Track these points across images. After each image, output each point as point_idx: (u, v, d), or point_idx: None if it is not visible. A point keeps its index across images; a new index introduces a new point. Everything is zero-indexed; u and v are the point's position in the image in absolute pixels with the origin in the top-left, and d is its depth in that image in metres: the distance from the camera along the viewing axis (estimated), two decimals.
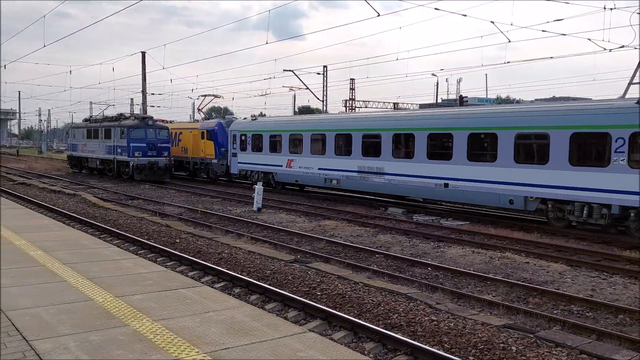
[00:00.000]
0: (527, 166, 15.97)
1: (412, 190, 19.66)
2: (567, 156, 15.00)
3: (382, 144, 20.43)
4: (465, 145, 17.56)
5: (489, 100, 57.37)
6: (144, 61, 42.01)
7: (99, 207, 19.49)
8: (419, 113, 22.70)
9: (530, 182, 15.88)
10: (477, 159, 17.38)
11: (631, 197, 13.71)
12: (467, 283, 10.28)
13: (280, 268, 10.51)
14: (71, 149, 39.79)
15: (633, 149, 13.75)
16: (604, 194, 14.28)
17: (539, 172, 15.65)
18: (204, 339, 4.90)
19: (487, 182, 16.94)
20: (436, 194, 18.90)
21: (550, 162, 15.35)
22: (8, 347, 4.65)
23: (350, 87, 62.77)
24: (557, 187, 15.25)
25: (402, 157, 19.86)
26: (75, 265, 7.67)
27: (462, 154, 17.62)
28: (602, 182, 14.28)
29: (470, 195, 17.60)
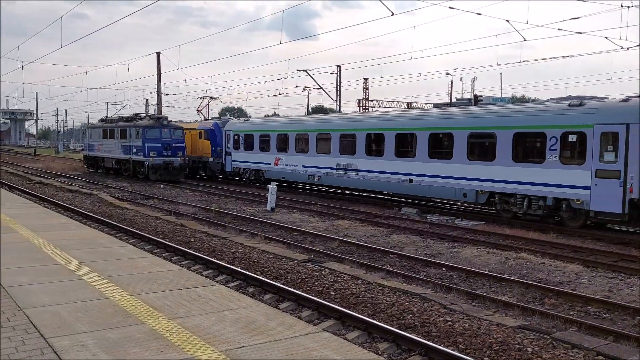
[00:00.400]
0: (478, 163, 17.67)
1: (383, 185, 21.39)
2: (511, 154, 16.71)
3: (357, 143, 22.13)
4: (427, 144, 19.29)
5: (503, 99, 56.95)
6: (159, 62, 42.33)
7: (115, 206, 19.69)
8: (388, 115, 24.60)
9: (480, 177, 17.59)
10: (436, 157, 19.01)
11: (563, 190, 15.54)
12: (482, 284, 10.22)
13: (294, 267, 10.53)
14: (87, 149, 40.22)
15: (564, 147, 15.54)
16: (541, 188, 16.07)
17: (487, 168, 17.37)
18: (219, 338, 4.94)
19: (445, 177, 18.66)
20: (403, 188, 20.46)
21: (497, 159, 17.08)
22: (26, 344, 4.72)
23: (364, 86, 62.66)
24: (502, 181, 16.97)
25: (374, 155, 21.48)
26: (92, 264, 7.76)
27: (424, 152, 19.37)
28: (539, 177, 16.06)
29: (431, 189, 19.33)
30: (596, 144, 14.91)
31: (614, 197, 14.45)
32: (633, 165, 14.16)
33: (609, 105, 15.31)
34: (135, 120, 33.13)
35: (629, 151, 14.26)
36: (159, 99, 44.23)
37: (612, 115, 14.80)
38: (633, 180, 14.13)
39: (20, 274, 7.06)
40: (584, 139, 15.13)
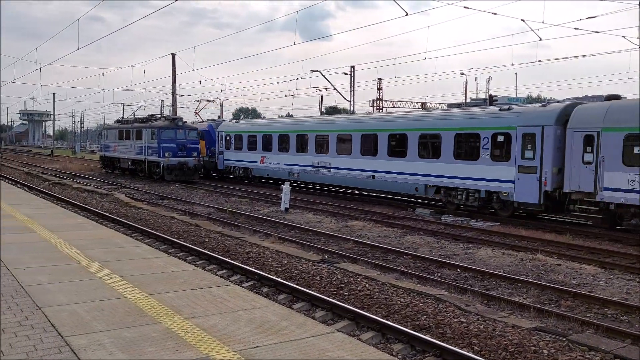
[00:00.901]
0: (427, 160, 19.94)
1: (351, 181, 23.52)
2: (453, 152, 18.94)
3: (329, 143, 24.50)
4: (387, 143, 21.50)
5: (519, 99, 56.50)
6: (174, 63, 42.64)
7: (130, 206, 19.87)
8: (355, 117, 26.86)
9: (428, 173, 19.82)
10: (394, 155, 21.24)
11: (493, 184, 17.76)
12: (497, 285, 10.16)
13: (307, 268, 10.55)
14: (104, 150, 40.62)
15: (494, 146, 17.78)
16: (476, 182, 18.32)
17: (434, 165, 19.62)
18: (233, 337, 4.96)
19: (401, 174, 20.84)
20: (367, 184, 22.64)
21: (442, 157, 19.36)
22: (44, 342, 4.78)
23: (378, 87, 62.53)
24: (446, 177, 19.20)
25: (343, 154, 23.77)
26: (108, 264, 7.85)
27: (384, 151, 21.60)
28: (474, 173, 18.31)
29: (390, 184, 21.50)
30: (518, 144, 17.06)
31: (532, 190, 16.65)
32: (547, 161, 16.32)
33: (530, 110, 17.60)
34: (150, 121, 33.40)
35: (544, 150, 16.38)
36: (174, 100, 44.55)
37: (531, 119, 16.92)
38: (547, 175, 16.31)
39: (39, 273, 7.17)
40: (509, 139, 17.32)
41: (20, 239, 9.60)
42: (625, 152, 14.65)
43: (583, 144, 15.61)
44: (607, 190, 14.94)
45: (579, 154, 15.71)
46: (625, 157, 14.63)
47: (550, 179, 16.27)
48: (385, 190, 22.35)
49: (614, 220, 15.36)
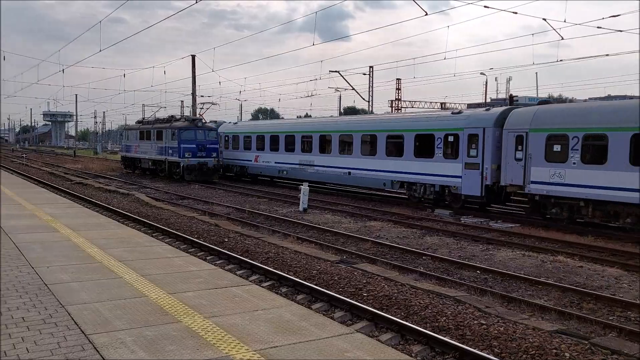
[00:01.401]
0: (393, 158, 22.19)
1: (331, 177, 25.99)
2: (413, 151, 21.24)
3: (312, 143, 26.95)
4: (360, 143, 23.89)
5: (539, 99, 55.78)
6: (194, 64, 43.01)
7: (151, 206, 20.10)
8: (334, 120, 30.18)
9: (394, 170, 22.06)
10: (366, 154, 23.57)
11: (445, 179, 19.96)
12: (517, 287, 10.05)
13: (326, 268, 10.56)
14: (125, 150, 41.11)
15: (446, 146, 19.97)
16: (432, 177, 20.53)
17: (398, 163, 21.89)
18: (253, 337, 5.00)
19: (372, 170, 23.11)
20: (344, 180, 24.99)
21: (404, 155, 21.64)
22: (68, 340, 4.87)
23: (397, 87, 62.30)
24: (408, 173, 21.46)
25: (324, 153, 26.19)
26: (130, 263, 7.95)
27: (358, 150, 24.02)
28: (430, 169, 20.52)
29: (363, 180, 23.78)
30: (465, 143, 19.20)
31: (476, 184, 18.79)
32: (487, 159, 18.49)
33: (475, 113, 19.99)
34: (171, 121, 33.73)
35: (485, 148, 18.53)
36: (193, 101, 44.94)
37: (475, 121, 19.15)
38: (487, 171, 18.44)
39: (62, 272, 7.29)
40: (458, 139, 19.51)
41: (43, 237, 9.77)
42: (547, 150, 16.83)
43: (515, 143, 17.72)
44: (534, 183, 17.16)
45: (512, 152, 17.83)
46: (547, 154, 16.81)
47: (490, 174, 18.44)
48: (360, 185, 24.51)
49: (539, 209, 17.38)
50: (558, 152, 16.52)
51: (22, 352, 4.55)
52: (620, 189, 14.80)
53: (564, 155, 16.35)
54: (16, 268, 7.45)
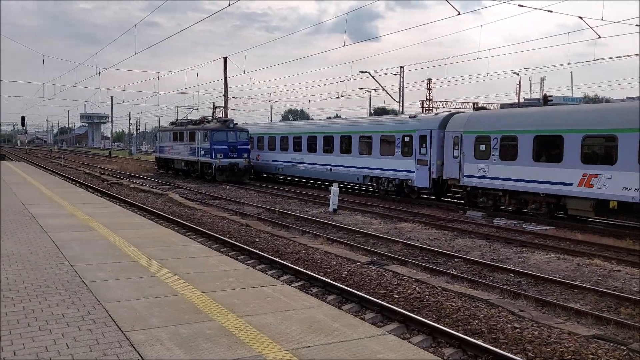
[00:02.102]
0: (364, 156, 25.65)
1: (316, 173, 29.30)
2: (379, 150, 24.60)
3: (302, 144, 30.43)
4: (340, 143, 27.47)
5: (574, 99, 54.53)
6: (226, 66, 43.51)
7: (184, 206, 20.43)
8: (318, 122, 34.44)
9: (365, 166, 25.57)
10: (344, 153, 27.13)
11: (403, 174, 23.31)
12: (552, 290, 9.87)
13: (356, 269, 10.56)
14: (158, 151, 41.88)
15: (403, 145, 23.31)
16: (392, 172, 23.87)
17: (367, 160, 25.38)
18: (285, 337, 5.04)
19: (348, 167, 26.77)
20: (327, 175, 28.29)
21: (372, 154, 25.04)
22: (105, 336, 4.99)
23: (427, 87, 61.78)
24: (375, 169, 24.87)
25: (312, 152, 29.62)
26: (164, 261, 8.11)
27: (337, 149, 27.61)
28: (391, 165, 23.84)
29: (341, 175, 27.16)
30: (417, 143, 22.53)
31: (425, 178, 22.08)
32: (433, 156, 21.69)
33: (426, 117, 23.90)
34: (203, 123, 34.21)
35: (432, 147, 21.80)
36: (225, 102, 45.45)
37: (425, 124, 22.58)
38: (433, 166, 21.66)
39: (100, 270, 7.49)
40: (412, 139, 22.81)
41: (81, 236, 10.04)
42: (475, 149, 19.89)
43: (453, 143, 20.82)
44: (466, 177, 20.21)
45: (450, 151, 20.94)
46: (476, 152, 19.86)
47: (435, 169, 21.63)
48: (339, 180, 26.72)
49: (471, 199, 20.36)
50: (483, 150, 19.65)
51: (62, 348, 4.69)
52: (527, 181, 17.94)
53: (487, 153, 19.45)
54: (55, 266, 7.68)
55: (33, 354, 4.53)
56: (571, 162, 16.65)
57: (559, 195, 17.16)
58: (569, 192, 16.72)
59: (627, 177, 15.02)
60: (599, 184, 15.82)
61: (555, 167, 17.11)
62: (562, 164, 16.92)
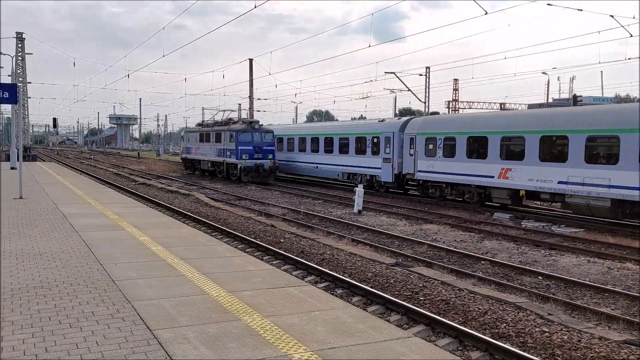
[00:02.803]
0: (343, 155, 29.23)
1: (305, 170, 33.06)
2: (354, 149, 28.21)
3: (294, 144, 34.09)
4: (324, 143, 31.05)
5: (605, 99, 53.35)
6: (251, 68, 43.82)
7: (210, 206, 20.64)
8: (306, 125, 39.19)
9: (343, 164, 29.26)
10: (327, 152, 30.76)
11: (372, 171, 26.83)
12: (582, 294, 9.67)
13: (381, 271, 10.52)
14: (185, 152, 42.38)
15: (373, 146, 26.72)
16: (365, 169, 27.43)
17: (345, 159, 29.01)
18: (310, 337, 5.05)
19: (330, 165, 30.34)
20: (314, 172, 32.17)
21: (349, 153, 28.67)
22: (134, 334, 5.08)
23: (454, 87, 61.19)
24: (351, 166, 28.62)
25: (302, 152, 33.20)
26: (191, 261, 8.21)
27: (322, 149, 31.20)
28: (364, 163, 27.48)
29: (325, 172, 30.94)
30: (383, 144, 25.97)
31: (389, 173, 25.53)
32: (395, 155, 25.09)
33: (391, 121, 27.29)
34: (229, 124, 34.51)
35: (394, 147, 25.17)
36: (251, 103, 45.78)
37: (390, 127, 25.99)
38: (395, 164, 25.11)
39: (129, 269, 7.62)
40: (379, 140, 26.24)
41: (111, 236, 10.24)
42: (426, 148, 23.15)
43: (409, 143, 24.23)
44: (419, 172, 23.52)
45: (407, 150, 24.37)
46: (426, 151, 23.14)
47: (397, 166, 25.07)
48: (323, 176, 31.45)
49: (423, 191, 23.61)
50: (431, 149, 22.86)
51: (92, 345, 4.79)
52: (463, 175, 21.23)
53: (434, 151, 22.70)
54: (86, 265, 7.84)
55: (64, 351, 4.63)
56: (493, 158, 19.92)
57: (485, 186, 20.34)
58: (492, 184, 19.98)
59: (532, 170, 18.37)
60: (512, 176, 19.20)
61: (482, 163, 20.35)
62: (486, 160, 20.16)
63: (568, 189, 17.09)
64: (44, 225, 11.26)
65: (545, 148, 18.25)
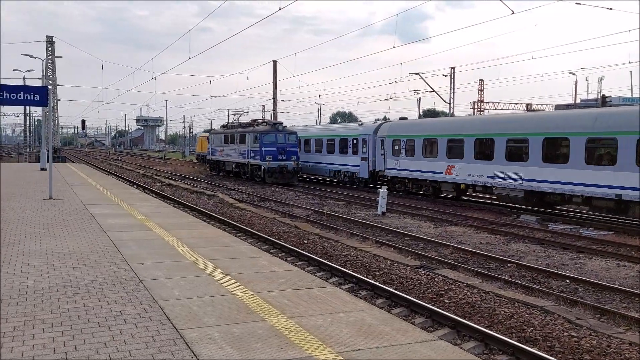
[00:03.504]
0: (330, 155, 33.16)
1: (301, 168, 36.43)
2: (339, 150, 32.06)
3: None
4: (314, 145, 35.22)
5: (634, 99, 52.13)
6: (275, 70, 44.04)
7: (235, 207, 20.80)
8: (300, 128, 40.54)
9: (330, 162, 33.20)
10: (317, 152, 34.91)
11: (352, 168, 30.75)
12: (611, 298, 9.47)
13: (405, 273, 10.46)
14: (210, 153, 42.80)
15: (353, 146, 30.59)
16: (347, 167, 31.45)
17: (332, 158, 32.95)
18: (335, 339, 5.06)
19: (319, 163, 34.52)
20: (308, 169, 35.80)
21: (335, 152, 32.54)
22: (161, 334, 5.15)
23: (479, 88, 60.53)
24: (336, 164, 32.51)
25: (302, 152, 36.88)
26: (216, 261, 8.29)
27: (312, 149, 35.46)
28: (346, 161, 31.36)
29: (316, 169, 35.21)
30: (361, 144, 29.92)
31: (366, 170, 29.59)
32: (370, 154, 29.10)
33: (367, 125, 30.75)
34: (253, 126, 34.75)
35: (369, 148, 29.14)
36: (274, 105, 46.00)
37: (365, 130, 29.95)
38: (370, 162, 29.12)
39: (155, 269, 7.73)
40: (357, 142, 30.27)
41: (138, 236, 10.39)
42: (393, 148, 27.14)
43: (380, 144, 28.13)
44: (388, 169, 27.48)
45: (379, 150, 28.31)
46: (393, 151, 27.12)
47: (371, 164, 29.09)
48: (316, 173, 35.66)
49: (393, 185, 26.95)
50: (397, 150, 26.81)
51: (120, 344, 4.87)
52: (420, 171, 25.17)
53: (399, 151, 26.69)
54: (114, 264, 7.98)
55: (93, 350, 4.72)
56: (442, 157, 23.69)
57: (437, 180, 24.18)
58: (441, 178, 23.88)
59: (469, 167, 22.23)
60: (455, 172, 22.98)
61: (434, 161, 24.20)
62: (437, 159, 24.01)
63: (495, 182, 20.77)
64: (73, 225, 11.49)
65: (479, 148, 21.92)
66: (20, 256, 8.36)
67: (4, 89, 14.97)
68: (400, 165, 26.43)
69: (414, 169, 25.45)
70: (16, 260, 8.06)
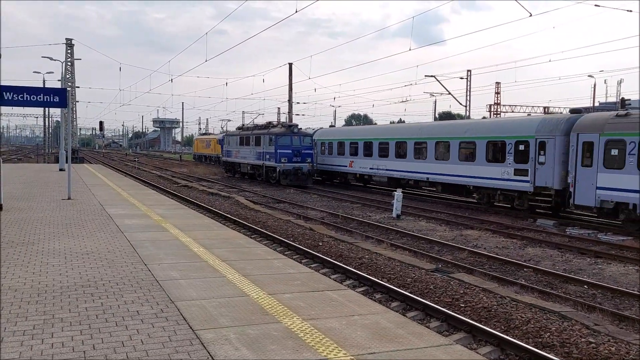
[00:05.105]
0: (321, 155, 35.49)
1: None
2: (327, 152, 34.80)
3: None
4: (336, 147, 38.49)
5: None
6: (291, 72, 44.16)
7: (250, 209, 20.88)
8: None
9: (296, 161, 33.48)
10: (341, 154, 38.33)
11: (342, 168, 33.34)
12: (630, 304, 9.34)
13: (420, 276, 10.42)
14: (226, 155, 43.03)
15: (338, 149, 33.59)
16: (337, 167, 33.86)
17: (325, 159, 35.11)
18: (350, 342, 5.05)
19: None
20: None
21: (325, 154, 35.13)
22: (177, 334, 5.19)
23: (496, 91, 60.11)
24: (328, 164, 34.87)
25: None
26: (232, 263, 8.33)
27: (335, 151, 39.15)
28: (335, 162, 33.99)
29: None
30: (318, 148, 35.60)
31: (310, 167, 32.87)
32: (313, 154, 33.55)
33: (317, 129, 37.09)
34: (268, 128, 34.87)
35: (315, 148, 34.20)
36: (290, 107, 46.11)
37: (314, 134, 35.77)
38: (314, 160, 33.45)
39: (172, 269, 7.79)
40: (314, 145, 34.14)
41: (154, 236, 10.49)
42: (321, 149, 35.12)
43: (320, 147, 35.30)
44: (319, 164, 34.43)
45: (319, 150, 35.13)
46: (321, 151, 35.05)
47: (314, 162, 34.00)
48: None
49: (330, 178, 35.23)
50: (323, 150, 34.96)
51: (137, 344, 4.92)
52: (335, 165, 33.49)
53: (324, 151, 34.80)
54: (131, 264, 8.06)
55: (111, 349, 4.78)
56: (346, 155, 32.23)
57: (344, 172, 32.97)
58: (346, 170, 32.63)
59: (361, 161, 30.82)
60: (354, 165, 31.84)
61: (342, 158, 32.70)
62: (344, 156, 32.40)
63: (373, 172, 29.94)
64: (91, 225, 11.63)
65: (365, 149, 30.59)
66: (39, 255, 8.48)
67: (24, 91, 15.21)
68: (325, 162, 34.78)
69: (332, 164, 34.23)
70: (35, 260, 8.18)
